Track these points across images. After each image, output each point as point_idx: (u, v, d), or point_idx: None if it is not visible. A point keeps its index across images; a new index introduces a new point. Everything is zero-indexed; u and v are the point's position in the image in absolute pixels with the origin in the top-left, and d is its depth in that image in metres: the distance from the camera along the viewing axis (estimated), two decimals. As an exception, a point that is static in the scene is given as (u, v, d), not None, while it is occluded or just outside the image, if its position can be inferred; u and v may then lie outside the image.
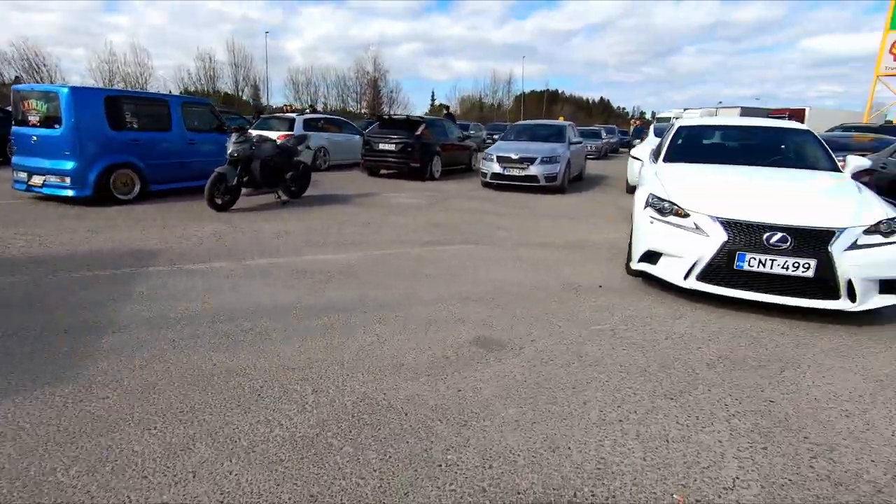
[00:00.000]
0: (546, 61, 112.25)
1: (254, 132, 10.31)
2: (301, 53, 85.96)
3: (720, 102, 48.35)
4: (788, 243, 3.23)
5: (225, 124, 8.26)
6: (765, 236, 3.29)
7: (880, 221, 3.28)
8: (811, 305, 3.27)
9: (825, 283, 3.20)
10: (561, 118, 15.93)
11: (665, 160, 4.80)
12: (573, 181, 11.04)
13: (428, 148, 10.92)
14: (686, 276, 3.55)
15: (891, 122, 26.18)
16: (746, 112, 39.20)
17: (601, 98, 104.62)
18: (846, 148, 9.76)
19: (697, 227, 3.52)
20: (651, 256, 3.80)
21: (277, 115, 13.39)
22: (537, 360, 2.72)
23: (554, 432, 2.08)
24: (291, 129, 11.35)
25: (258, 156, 6.72)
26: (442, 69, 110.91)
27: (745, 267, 3.32)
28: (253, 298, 3.50)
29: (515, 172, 9.38)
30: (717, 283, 3.45)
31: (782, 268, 3.24)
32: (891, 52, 26.64)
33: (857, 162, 4.38)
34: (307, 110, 17.08)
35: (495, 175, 9.59)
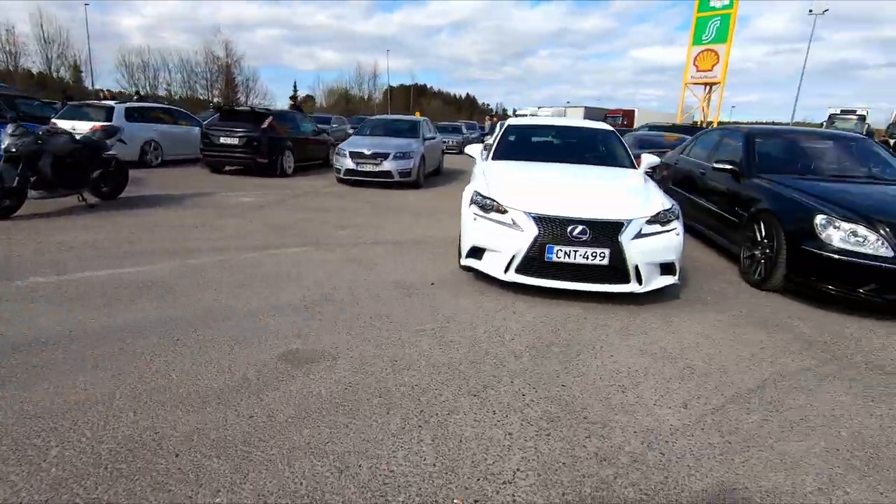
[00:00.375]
0: (413, 56, 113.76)
1: (57, 122, 8.71)
2: (141, 32, 75.63)
3: (568, 102, 53.58)
4: (588, 235, 3.54)
5: (6, 113, 6.77)
6: (568, 229, 3.57)
7: (658, 212, 3.76)
8: (608, 290, 3.64)
9: (617, 269, 3.58)
10: (417, 113, 16.17)
11: (493, 158, 5.02)
12: (430, 176, 11.22)
13: (277, 142, 10.23)
14: (506, 270, 3.73)
15: (696, 122, 31.25)
16: (589, 111, 43.91)
17: (467, 94, 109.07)
18: (659, 145, 11.32)
19: (514, 223, 3.71)
20: (476, 252, 3.92)
21: (92, 102, 11.45)
22: (349, 370, 2.61)
23: (348, 450, 1.98)
24: (110, 118, 9.79)
25: (49, 151, 5.61)
26: (307, 58, 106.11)
27: (554, 258, 3.58)
28: (14, 329, 2.85)
29: (369, 168, 9.21)
30: (533, 275, 3.67)
31: (583, 257, 3.55)
32: (694, 63, 31.67)
33: (649, 159, 5.02)
34: (133, 97, 14.92)
35: (349, 171, 9.32)
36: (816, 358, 3.09)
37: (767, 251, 4.26)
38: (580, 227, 3.55)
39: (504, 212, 3.79)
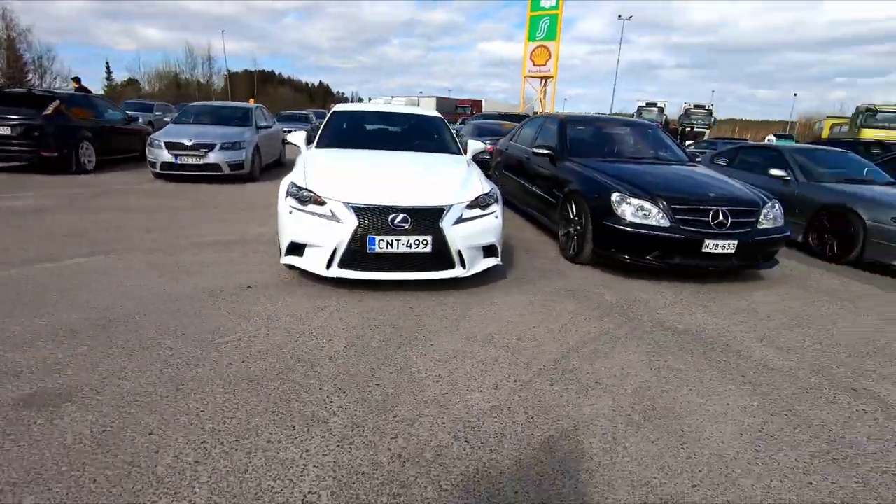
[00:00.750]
0: (257, 39, 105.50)
1: None
2: None
3: (421, 92, 54.68)
4: (409, 223, 3.45)
5: None
6: (389, 218, 3.44)
7: (478, 196, 3.82)
8: (433, 277, 3.61)
9: (441, 255, 3.56)
10: (252, 101, 14.83)
11: (317, 146, 4.70)
12: (271, 167, 10.39)
13: (70, 131, 8.50)
14: (329, 265, 3.48)
15: (536, 112, 34.06)
16: (441, 102, 45.18)
17: (320, 82, 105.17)
18: (497, 132, 11.96)
19: (333, 215, 3.46)
20: (297, 248, 3.60)
21: None
22: (114, 406, 2.13)
23: (87, 513, 1.57)
24: None
25: None
26: (125, 36, 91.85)
27: (377, 249, 3.42)
28: None
29: (192, 161, 8.14)
30: (357, 268, 3.48)
31: (406, 246, 3.45)
32: (531, 58, 34.35)
33: (475, 146, 5.14)
34: None
35: (166, 165, 8.14)
36: (614, 322, 3.42)
37: (578, 228, 4.66)
38: (401, 216, 3.45)
39: (322, 203, 3.52)
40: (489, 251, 3.88)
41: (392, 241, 3.42)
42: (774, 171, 6.17)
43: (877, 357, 3.12)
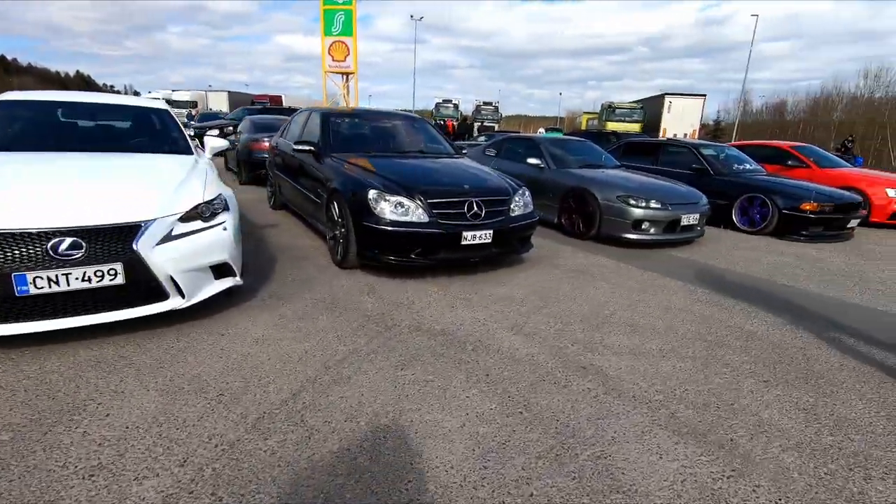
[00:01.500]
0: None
1: None
2: None
3: (210, 86, 49.15)
4: (83, 250, 2.56)
5: None
6: (50, 245, 2.49)
7: (198, 206, 3.08)
8: (137, 315, 2.77)
9: (142, 285, 2.74)
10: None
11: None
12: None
13: None
14: (-50, 323, 2.38)
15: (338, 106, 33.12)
16: (234, 96, 41.19)
17: (78, 72, 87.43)
18: (276, 128, 10.99)
19: (-51, 249, 2.37)
20: None
21: None
22: None
23: None
24: None
25: None
26: None
27: (32, 291, 2.46)
28: None
29: None
30: (1, 321, 2.46)
31: (84, 280, 2.56)
32: (329, 53, 33.23)
33: (214, 143, 4.34)
34: None
35: None
36: (369, 333, 3.08)
37: (343, 230, 4.25)
38: (69, 241, 2.53)
39: (-71, 233, 2.39)
40: (223, 270, 3.19)
41: (58, 276, 2.49)
42: (531, 160, 6.71)
43: (603, 328, 3.39)
